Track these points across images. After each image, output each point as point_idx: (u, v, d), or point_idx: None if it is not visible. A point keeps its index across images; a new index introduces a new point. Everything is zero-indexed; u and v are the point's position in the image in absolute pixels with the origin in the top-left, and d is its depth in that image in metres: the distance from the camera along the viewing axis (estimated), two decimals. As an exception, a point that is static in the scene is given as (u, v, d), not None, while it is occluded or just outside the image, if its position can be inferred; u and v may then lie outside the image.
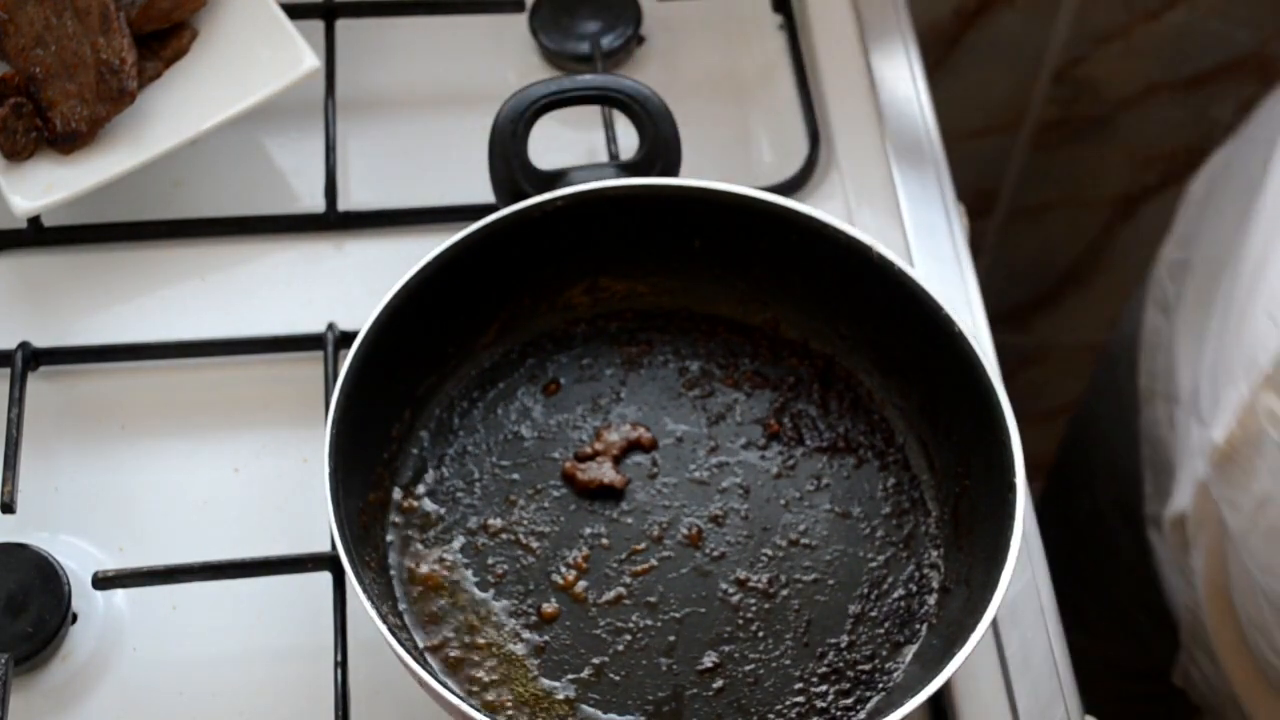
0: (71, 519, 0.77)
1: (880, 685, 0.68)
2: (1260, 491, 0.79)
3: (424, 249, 0.73)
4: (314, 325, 0.81)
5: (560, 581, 0.71)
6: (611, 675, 0.68)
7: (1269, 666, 0.87)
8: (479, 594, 0.71)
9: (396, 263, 0.73)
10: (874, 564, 0.72)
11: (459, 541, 0.72)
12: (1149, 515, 1.02)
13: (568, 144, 0.89)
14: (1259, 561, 0.80)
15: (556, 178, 0.77)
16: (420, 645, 0.69)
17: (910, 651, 0.69)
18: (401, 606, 0.70)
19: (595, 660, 0.69)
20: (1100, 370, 1.16)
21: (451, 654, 0.69)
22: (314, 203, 0.87)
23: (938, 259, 0.87)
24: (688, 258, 0.79)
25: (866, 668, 0.69)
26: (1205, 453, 0.85)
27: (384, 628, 0.63)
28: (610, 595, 0.71)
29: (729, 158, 0.92)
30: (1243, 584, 0.86)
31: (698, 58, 0.96)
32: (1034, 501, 0.76)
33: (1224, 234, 0.93)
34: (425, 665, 0.66)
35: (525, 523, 0.73)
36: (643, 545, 0.72)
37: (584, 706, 0.68)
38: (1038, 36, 1.28)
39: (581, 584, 0.71)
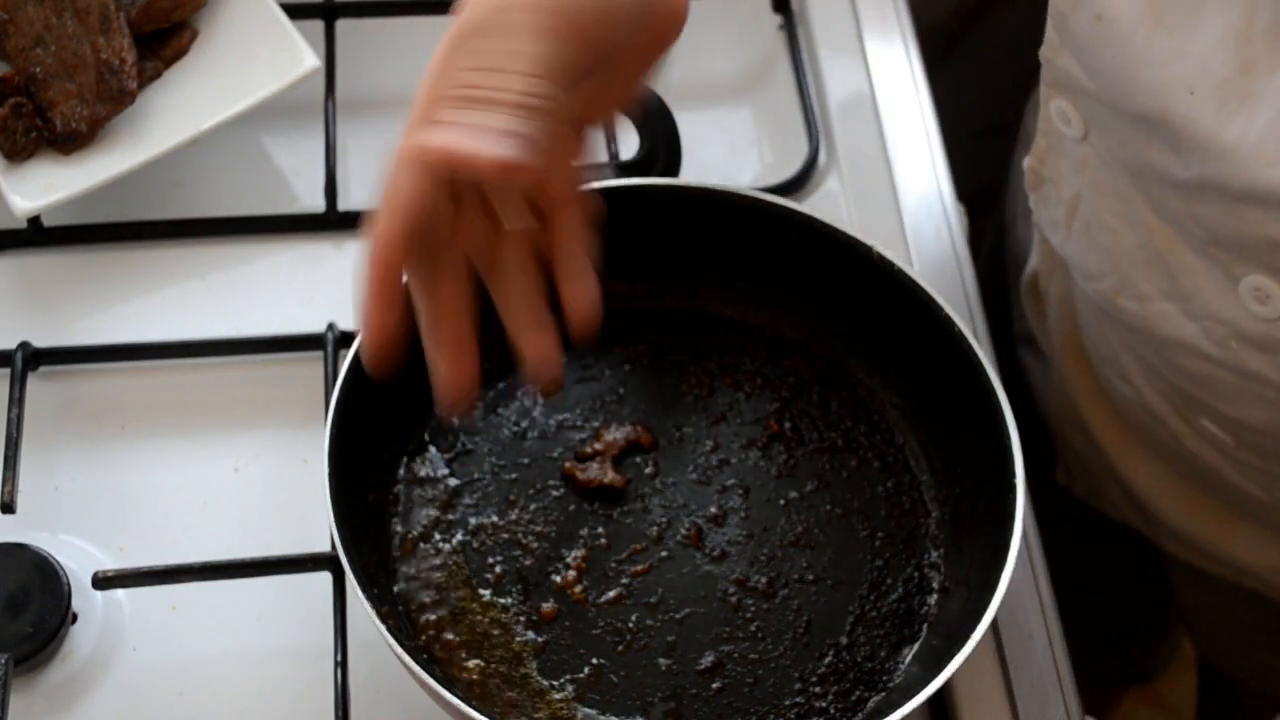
0: (71, 519, 0.77)
1: (880, 685, 0.68)
2: (1070, 194, 0.80)
3: (424, 249, 0.73)
4: (314, 325, 0.81)
5: (559, 581, 0.71)
6: (611, 675, 0.68)
7: (1122, 400, 0.88)
8: (479, 593, 0.71)
9: (396, 263, 0.73)
10: (874, 564, 0.72)
11: (459, 541, 0.72)
12: (1018, 334, 1.06)
13: (568, 144, 0.89)
14: (1082, 269, 0.81)
15: (556, 178, 0.77)
16: (420, 645, 0.69)
17: (910, 651, 0.69)
18: (401, 606, 0.70)
19: (595, 660, 0.69)
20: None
21: (451, 654, 0.69)
22: (314, 203, 0.87)
23: (938, 259, 0.87)
24: (688, 258, 0.79)
25: (866, 668, 0.69)
26: (1028, 187, 0.86)
27: (384, 628, 0.63)
28: (610, 595, 0.71)
29: (729, 158, 0.92)
30: (1084, 312, 0.88)
31: (698, 58, 0.96)
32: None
33: None
34: (425, 665, 0.66)
35: (525, 523, 0.73)
36: (642, 545, 0.72)
37: (583, 706, 0.67)
38: (1038, 36, 1.27)
39: (581, 584, 0.71)
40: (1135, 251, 0.75)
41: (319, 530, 0.73)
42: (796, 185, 0.88)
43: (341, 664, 0.70)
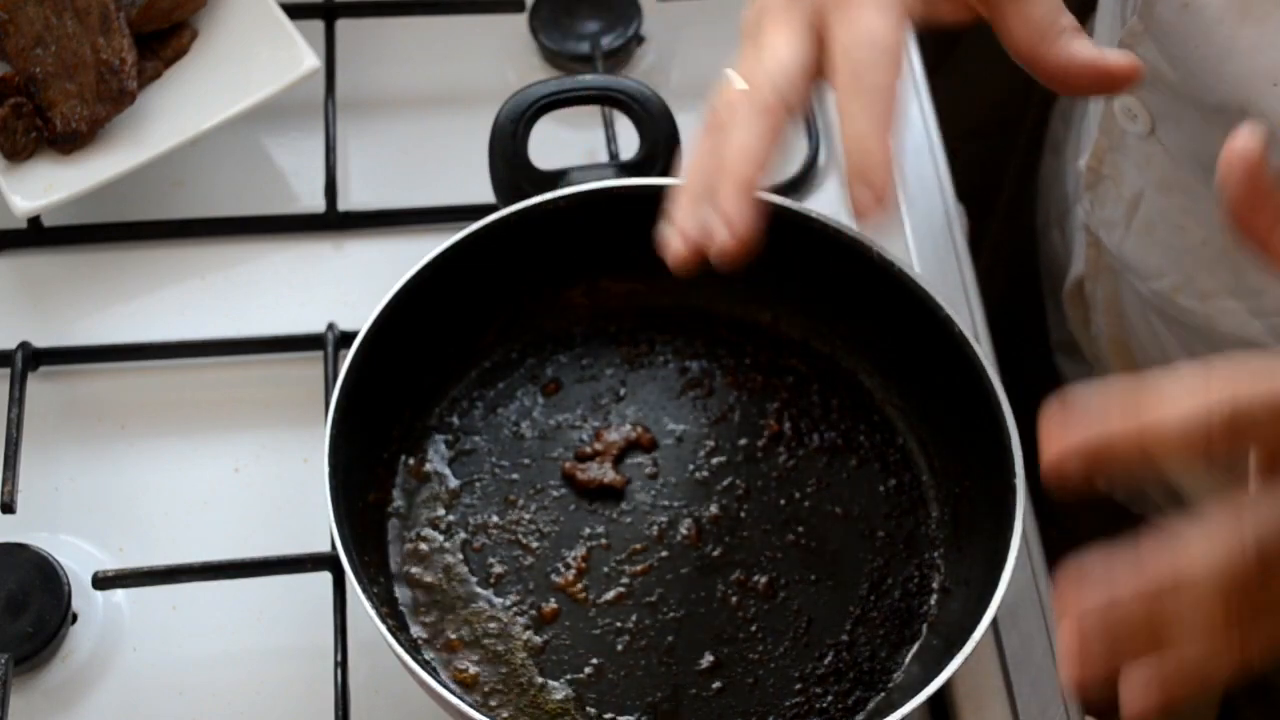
0: (71, 519, 0.77)
1: (880, 685, 0.68)
2: (1130, 192, 0.80)
3: (424, 249, 0.73)
4: (314, 325, 0.81)
5: (560, 581, 0.71)
6: (611, 675, 0.68)
7: None
8: (479, 593, 0.71)
9: (396, 263, 0.73)
10: (874, 564, 0.72)
11: (459, 541, 0.72)
12: (1055, 343, 1.05)
13: (568, 144, 0.89)
14: (1140, 269, 0.80)
15: (556, 178, 0.77)
16: (420, 645, 0.69)
17: (910, 651, 0.69)
18: (401, 606, 0.70)
19: (595, 660, 0.69)
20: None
21: (451, 654, 0.69)
22: (314, 203, 0.87)
23: (938, 259, 0.87)
24: (688, 258, 0.79)
25: (866, 668, 0.69)
26: (1081, 192, 0.86)
27: (384, 628, 0.63)
28: (610, 595, 0.71)
29: (729, 158, 0.91)
30: (1134, 315, 0.87)
31: (698, 58, 0.96)
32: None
33: None
34: (425, 665, 0.66)
35: (525, 523, 0.73)
36: (642, 545, 0.72)
37: (583, 706, 0.67)
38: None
39: (581, 584, 0.71)
40: (1200, 248, 0.75)
41: (319, 530, 0.73)
42: (796, 185, 0.88)
43: (341, 664, 0.70)
